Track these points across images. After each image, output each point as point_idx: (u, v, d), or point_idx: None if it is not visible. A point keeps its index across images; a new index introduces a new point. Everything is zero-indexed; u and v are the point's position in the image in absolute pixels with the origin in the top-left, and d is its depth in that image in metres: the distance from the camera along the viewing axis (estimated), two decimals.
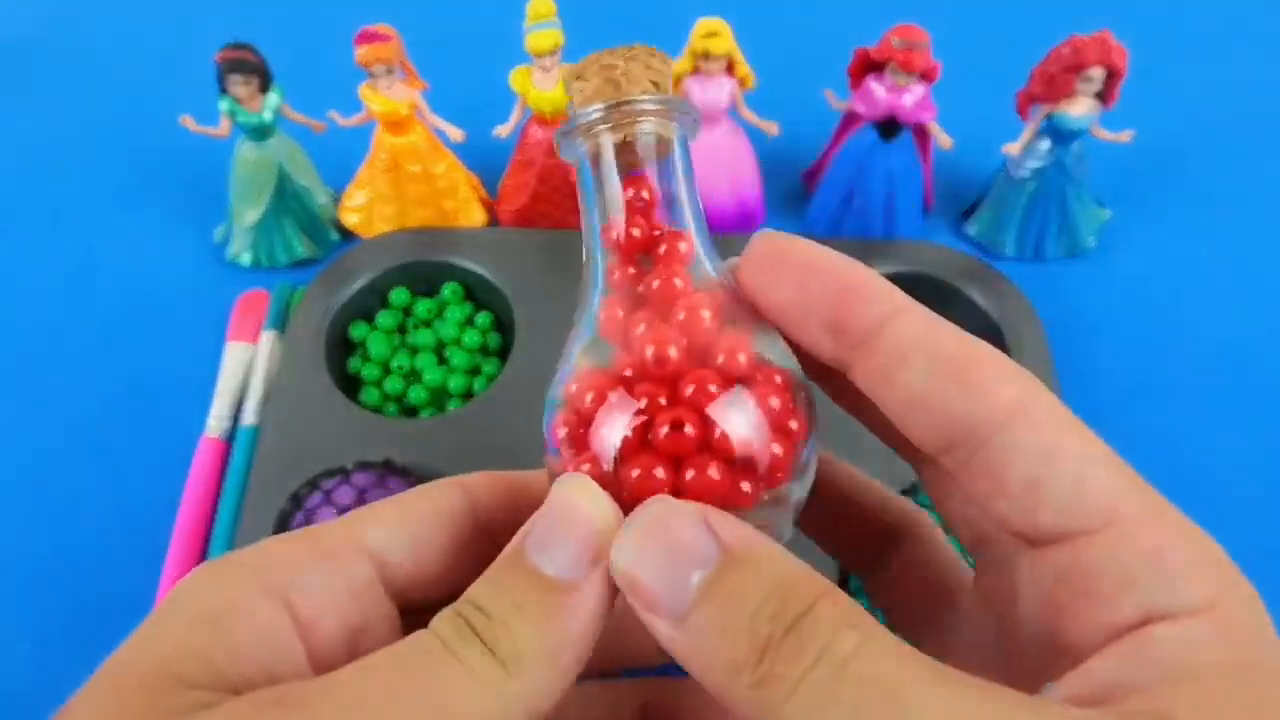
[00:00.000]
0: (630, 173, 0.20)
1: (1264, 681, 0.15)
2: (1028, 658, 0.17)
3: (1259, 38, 0.70)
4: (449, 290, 0.51)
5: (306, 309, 0.49)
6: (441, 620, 0.17)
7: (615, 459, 0.17)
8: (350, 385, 0.49)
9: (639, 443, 0.17)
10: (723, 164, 0.54)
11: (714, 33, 0.49)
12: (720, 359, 0.18)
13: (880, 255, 0.52)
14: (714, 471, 0.17)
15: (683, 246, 0.19)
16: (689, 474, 0.17)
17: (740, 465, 0.17)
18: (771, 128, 0.54)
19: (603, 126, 0.19)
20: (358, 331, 0.50)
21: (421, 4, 0.67)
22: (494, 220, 0.57)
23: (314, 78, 0.54)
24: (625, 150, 0.20)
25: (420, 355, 0.49)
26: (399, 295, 0.51)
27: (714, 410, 0.17)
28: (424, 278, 0.52)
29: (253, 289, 0.53)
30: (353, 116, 0.52)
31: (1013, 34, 0.63)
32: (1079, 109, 0.50)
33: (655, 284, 0.19)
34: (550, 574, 0.16)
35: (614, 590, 0.17)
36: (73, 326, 0.53)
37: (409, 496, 0.20)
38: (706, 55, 0.49)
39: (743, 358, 0.18)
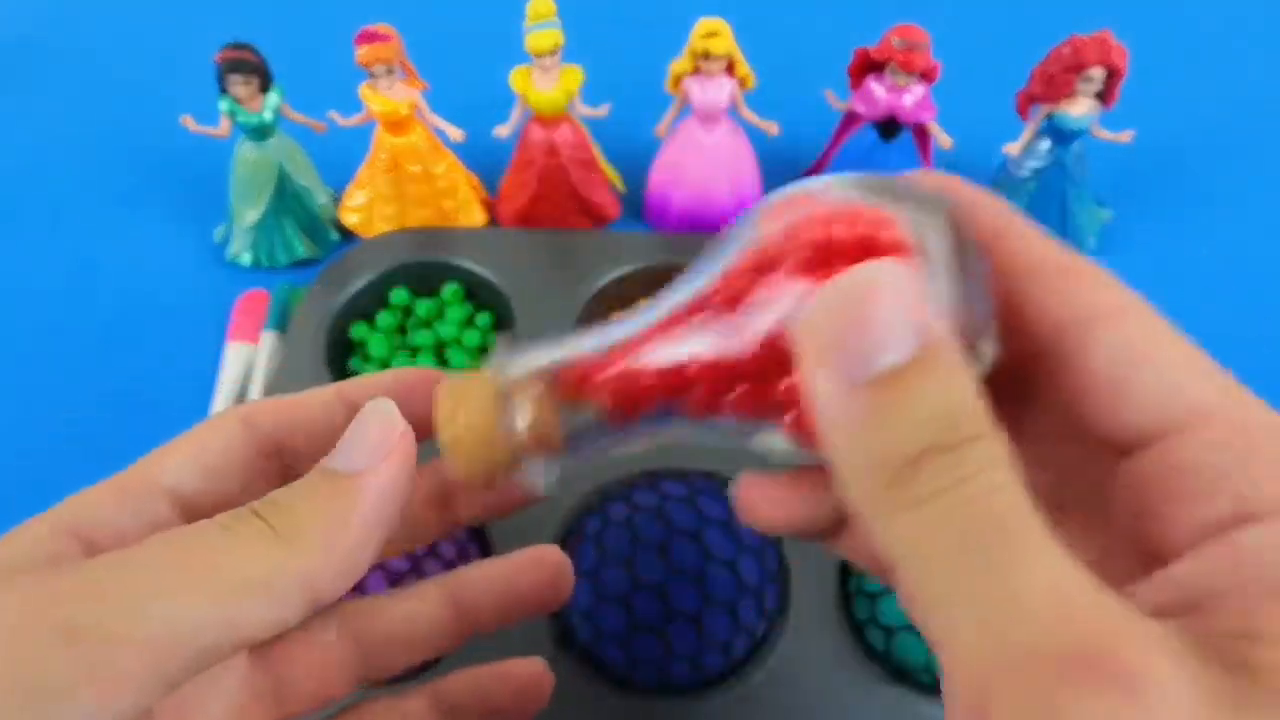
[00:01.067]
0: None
1: None
2: (1115, 568, 0.17)
3: (1259, 38, 0.70)
4: (449, 290, 0.51)
5: (307, 309, 0.49)
6: (227, 512, 0.18)
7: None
8: None
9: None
10: (723, 164, 0.54)
11: (714, 33, 0.49)
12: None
13: None
14: None
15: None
16: None
17: None
18: (771, 128, 0.54)
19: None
20: (358, 332, 0.50)
21: (421, 4, 0.67)
22: (494, 220, 0.57)
23: (314, 78, 0.54)
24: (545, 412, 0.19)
25: (420, 356, 0.49)
26: (399, 295, 0.51)
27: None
28: (424, 278, 0.51)
29: (253, 289, 0.53)
30: (353, 116, 0.52)
31: (1013, 34, 0.63)
32: (1079, 109, 0.50)
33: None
34: (339, 469, 0.18)
35: (401, 488, 0.18)
36: (73, 326, 0.53)
37: (201, 432, 0.21)
38: (706, 55, 0.49)
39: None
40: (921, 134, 0.53)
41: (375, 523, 0.18)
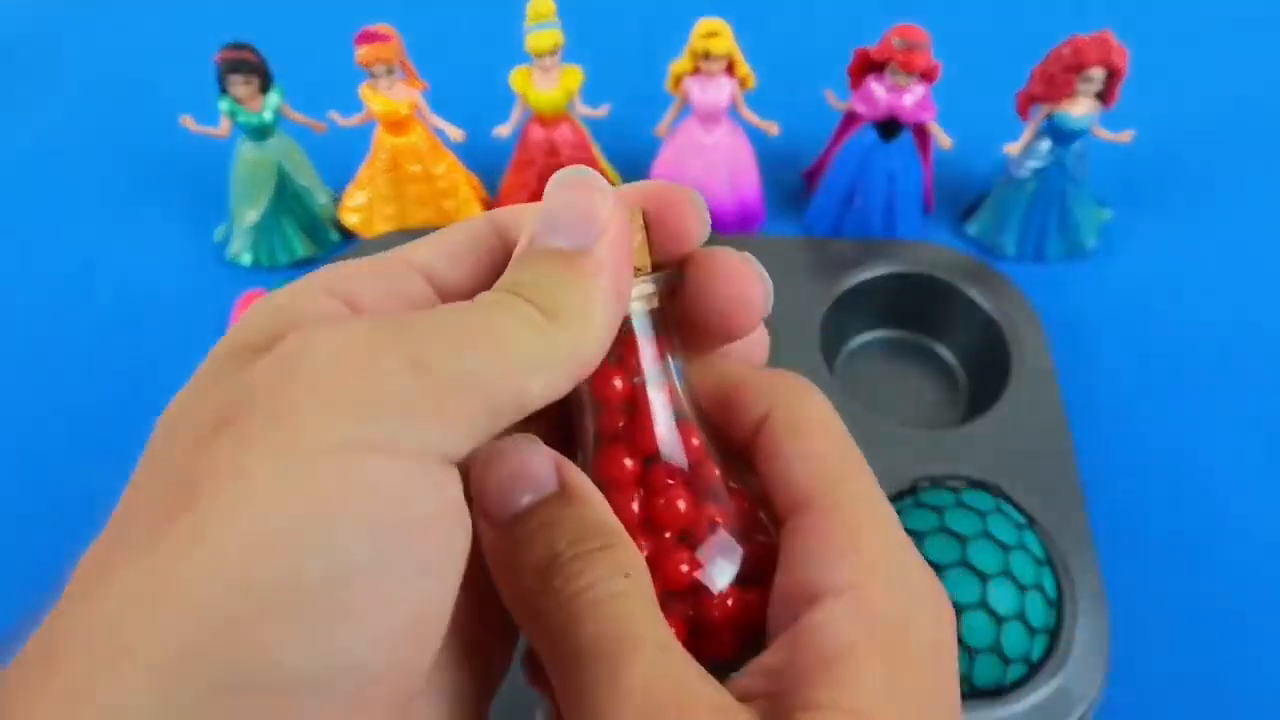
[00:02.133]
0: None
1: (900, 667, 0.16)
2: None
3: (1260, 38, 0.70)
4: None
5: None
6: (487, 292, 0.18)
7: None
8: None
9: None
10: (723, 164, 0.54)
11: (714, 33, 0.49)
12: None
13: (880, 255, 0.52)
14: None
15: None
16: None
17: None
18: (771, 128, 0.54)
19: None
20: None
21: (421, 4, 0.67)
22: None
23: (314, 78, 0.54)
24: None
25: None
26: None
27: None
28: None
29: (253, 289, 0.53)
30: (353, 116, 0.52)
31: (1013, 34, 0.63)
32: (1079, 109, 0.50)
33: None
34: (565, 246, 0.18)
35: (626, 259, 0.19)
36: (73, 326, 0.53)
37: (445, 229, 0.21)
38: (707, 55, 0.49)
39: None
40: (921, 134, 0.53)
41: (616, 295, 0.18)
